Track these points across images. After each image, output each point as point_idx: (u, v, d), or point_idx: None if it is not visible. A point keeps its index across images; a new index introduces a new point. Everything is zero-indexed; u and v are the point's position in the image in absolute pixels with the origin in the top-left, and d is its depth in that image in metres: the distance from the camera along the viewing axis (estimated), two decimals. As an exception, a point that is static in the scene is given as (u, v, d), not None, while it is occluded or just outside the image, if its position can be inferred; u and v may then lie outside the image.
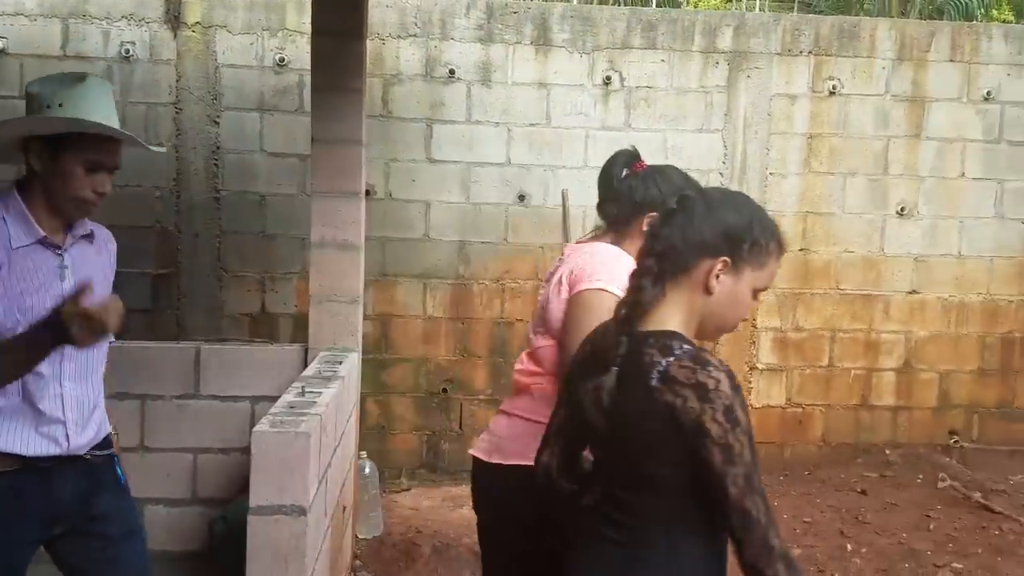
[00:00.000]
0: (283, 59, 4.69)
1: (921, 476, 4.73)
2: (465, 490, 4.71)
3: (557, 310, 2.01)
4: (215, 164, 4.74)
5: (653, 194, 2.09)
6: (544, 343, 2.06)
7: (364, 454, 4.04)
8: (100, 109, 1.87)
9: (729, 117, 4.87)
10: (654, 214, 1.94)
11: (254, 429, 2.15)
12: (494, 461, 2.04)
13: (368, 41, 4.63)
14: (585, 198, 4.87)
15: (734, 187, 4.91)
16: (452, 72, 4.75)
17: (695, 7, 8.92)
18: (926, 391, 5.12)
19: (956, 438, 5.11)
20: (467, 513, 4.32)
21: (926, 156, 4.95)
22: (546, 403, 1.90)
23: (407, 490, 4.72)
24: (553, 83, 4.80)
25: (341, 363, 3.08)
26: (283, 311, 4.79)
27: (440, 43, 4.75)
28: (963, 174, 4.97)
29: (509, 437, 2.04)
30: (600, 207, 2.21)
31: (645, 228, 1.98)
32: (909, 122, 4.92)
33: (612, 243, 2.11)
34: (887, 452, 5.04)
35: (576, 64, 4.80)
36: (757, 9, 5.51)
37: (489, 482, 2.07)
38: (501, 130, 4.80)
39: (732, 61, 4.84)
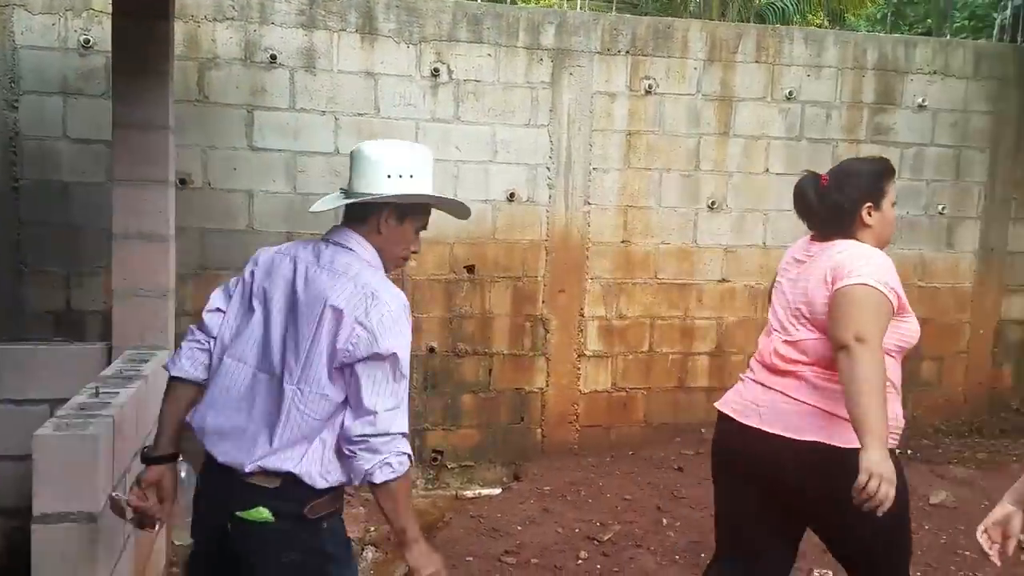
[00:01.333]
0: (88, 40, 4.39)
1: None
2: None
3: (818, 301, 2.33)
4: (12, 151, 4.37)
5: (851, 195, 2.43)
6: (805, 335, 2.38)
7: (180, 457, 3.84)
8: (432, 178, 2.09)
9: (554, 113, 5.00)
10: (869, 204, 2.42)
11: (35, 433, 2.02)
12: (775, 431, 2.32)
13: (181, 23, 4.43)
14: (416, 189, 4.90)
15: (560, 182, 5.06)
16: (274, 58, 4.60)
17: (520, 3, 9.05)
18: (735, 372, 5.41)
19: (760, 414, 5.49)
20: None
21: (734, 153, 5.27)
22: (807, 389, 2.32)
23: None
24: (381, 73, 4.76)
25: (147, 361, 2.93)
26: (91, 308, 4.50)
27: (260, 27, 4.59)
28: (767, 170, 5.33)
29: (784, 412, 2.34)
30: (813, 228, 2.52)
31: (868, 220, 2.42)
32: (718, 120, 5.22)
33: (844, 239, 2.41)
34: (703, 431, 5.32)
35: (404, 55, 4.78)
36: (579, 8, 5.66)
37: (769, 451, 2.34)
38: (328, 119, 4.71)
39: (556, 58, 4.97)
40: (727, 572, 2.59)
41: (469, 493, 4.83)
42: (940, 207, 5.53)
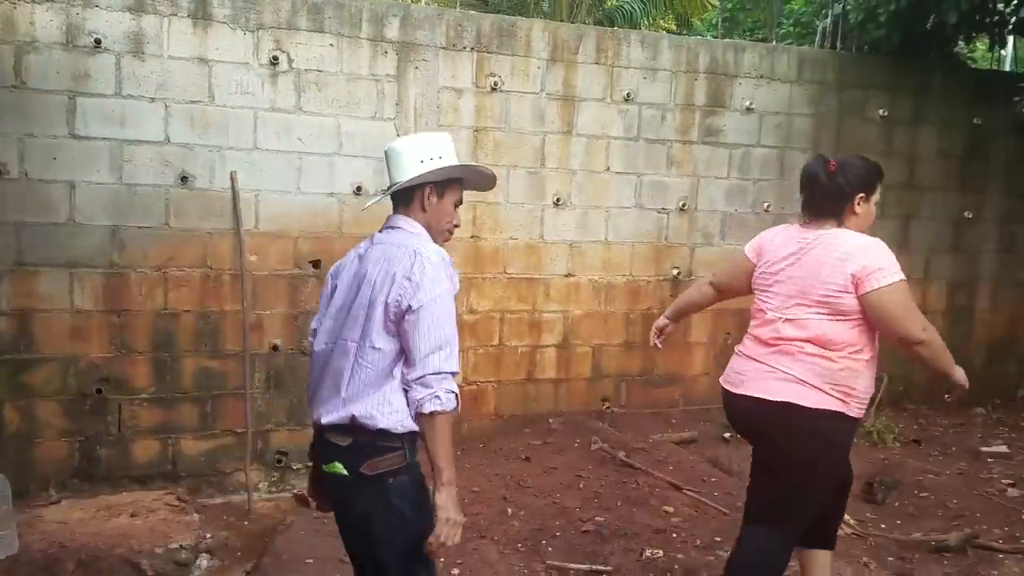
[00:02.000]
0: None
1: (578, 440, 5.16)
2: (126, 498, 4.37)
3: (830, 288, 2.71)
4: None
5: (852, 181, 2.83)
6: (808, 315, 2.76)
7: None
8: (457, 158, 2.45)
9: (401, 107, 4.97)
10: (862, 194, 2.84)
11: None
12: (754, 395, 2.80)
13: (-8, 3, 4.10)
14: (257, 181, 4.74)
15: (406, 174, 5.03)
16: (98, 42, 4.33)
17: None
18: (582, 363, 5.64)
19: (608, 404, 5.68)
20: (124, 522, 4.02)
21: (577, 151, 5.41)
22: (787, 360, 2.76)
23: (56, 503, 4.27)
24: (216, 60, 4.57)
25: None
26: None
27: (83, 10, 4.31)
28: (608, 168, 5.51)
29: (763, 379, 2.79)
30: (813, 205, 2.87)
31: (857, 208, 2.84)
32: (562, 119, 5.34)
33: (836, 227, 2.82)
34: (550, 421, 5.47)
35: (240, 41, 4.60)
36: (423, 2, 5.64)
37: (748, 410, 2.84)
38: (158, 106, 4.48)
39: (400, 52, 4.94)
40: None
41: (315, 494, 4.73)
42: (766, 204, 5.88)
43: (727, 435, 5.49)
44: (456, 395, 2.21)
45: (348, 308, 2.33)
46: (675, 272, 5.73)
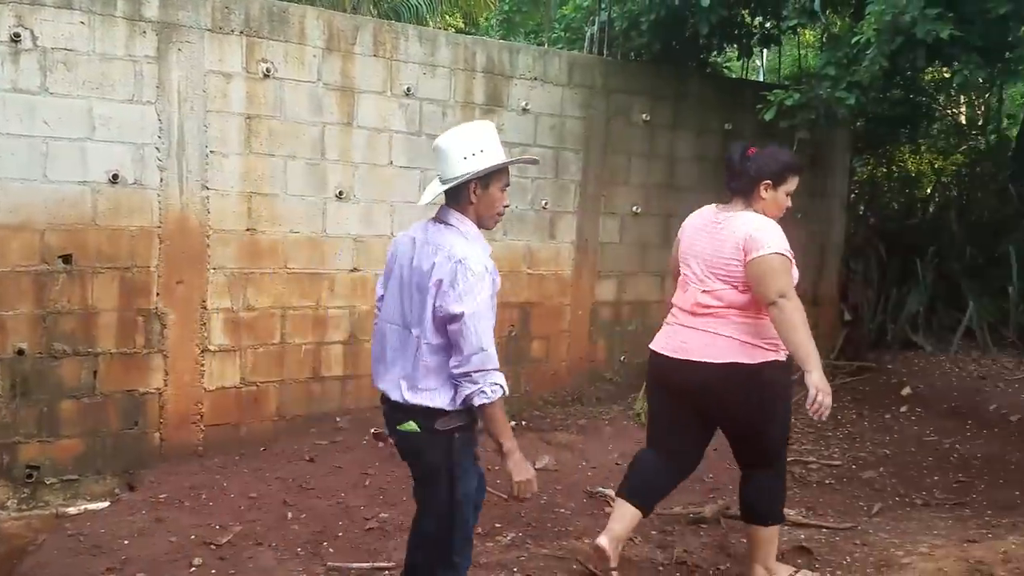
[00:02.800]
0: None
1: (366, 438, 5.11)
2: None
3: (731, 263, 3.14)
4: None
5: (759, 168, 3.22)
6: (720, 286, 3.18)
7: None
8: (498, 145, 2.67)
9: (162, 90, 4.65)
10: (768, 182, 3.23)
11: None
12: (702, 359, 3.16)
13: None
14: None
15: (172, 164, 4.73)
16: None
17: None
18: (369, 360, 5.54)
19: (397, 399, 5.65)
20: None
21: (359, 144, 5.33)
22: (723, 324, 3.16)
23: None
24: (-59, 32, 4.05)
25: None
26: None
27: None
28: (391, 162, 5.47)
29: (707, 344, 3.16)
30: (727, 185, 3.31)
31: (763, 194, 3.24)
32: (341, 111, 5.24)
33: (744, 209, 3.24)
34: (337, 419, 5.35)
35: (-29, 13, 4.12)
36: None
37: (698, 375, 3.17)
38: None
39: (161, 32, 4.62)
40: (649, 459, 3.47)
41: (72, 510, 4.33)
42: (543, 202, 6.11)
43: (512, 423, 5.61)
44: (501, 385, 2.57)
45: (410, 299, 2.65)
46: (460, 266, 5.80)
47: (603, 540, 3.33)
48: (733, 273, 3.17)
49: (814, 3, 5.34)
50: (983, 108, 10.28)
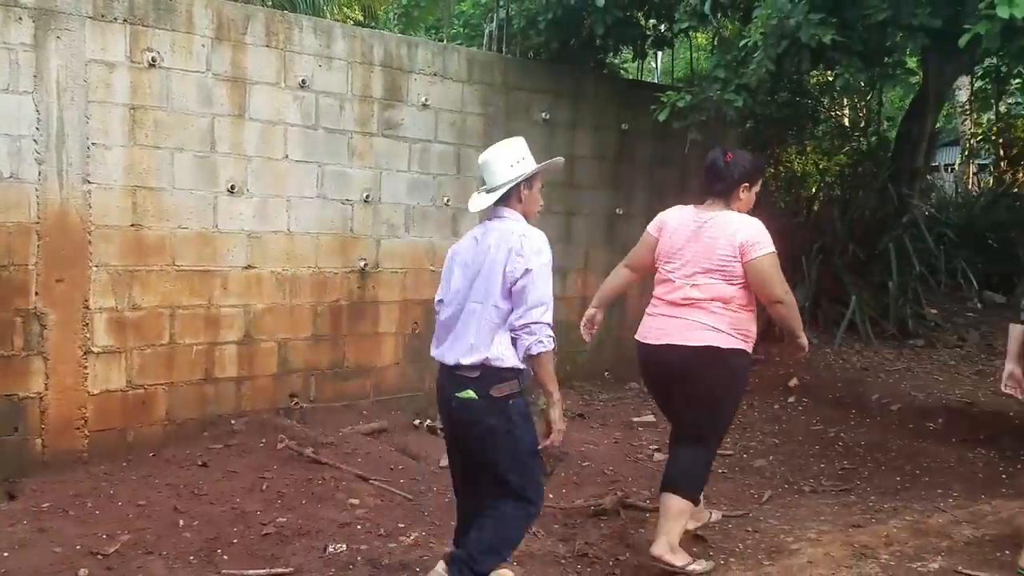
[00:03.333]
0: None
1: (264, 440, 4.95)
2: None
3: (728, 260, 3.48)
4: None
5: (739, 171, 3.58)
6: (710, 281, 3.50)
7: None
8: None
9: (40, 80, 4.39)
10: (746, 184, 3.61)
11: None
12: (681, 343, 3.51)
13: None
14: None
15: (51, 157, 4.47)
16: None
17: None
18: (267, 360, 5.41)
19: (296, 400, 5.51)
20: None
21: (251, 137, 5.17)
22: (703, 314, 3.49)
23: None
24: None
25: None
26: None
27: None
28: (287, 156, 5.34)
29: (686, 330, 3.50)
30: (708, 188, 3.63)
31: (741, 195, 3.61)
32: (232, 102, 5.07)
33: (725, 208, 3.58)
34: (232, 422, 5.17)
35: None
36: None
37: (677, 356, 3.52)
38: None
39: (39, 19, 4.35)
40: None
41: (-58, 525, 4.03)
42: (445, 199, 6.08)
43: (416, 422, 5.61)
44: (553, 338, 3.01)
45: (473, 278, 3.10)
46: (362, 263, 5.71)
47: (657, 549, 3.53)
48: (727, 269, 3.51)
49: (704, 7, 5.49)
50: (864, 110, 10.83)
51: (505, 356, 3.01)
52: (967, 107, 11.39)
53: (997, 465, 5.00)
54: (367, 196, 5.69)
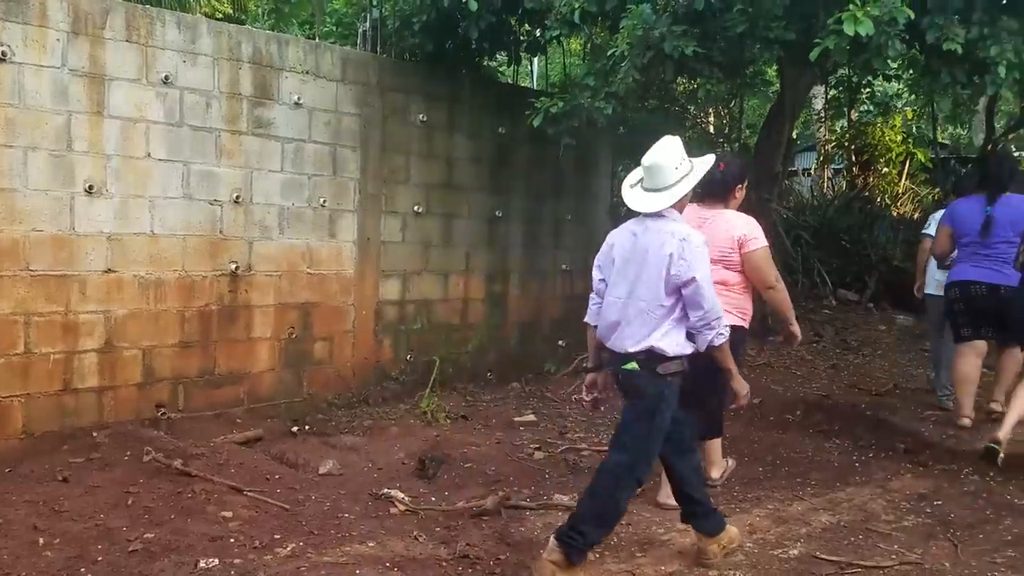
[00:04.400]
0: None
1: (129, 453, 4.74)
2: None
3: (728, 252, 4.17)
4: None
5: (732, 176, 4.26)
6: (715, 268, 3.84)
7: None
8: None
9: None
10: (739, 185, 4.32)
11: None
12: None
13: None
14: None
15: None
16: None
17: None
18: (131, 368, 5.18)
19: (163, 410, 5.29)
20: None
21: (111, 134, 4.95)
22: (722, 299, 3.68)
23: None
24: None
25: None
26: None
27: None
28: (149, 154, 5.12)
29: None
30: (709, 193, 4.23)
31: (736, 195, 4.31)
32: (90, 99, 4.83)
33: (723, 208, 4.26)
34: (95, 434, 4.93)
35: None
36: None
37: None
38: None
39: None
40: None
41: None
42: (322, 200, 5.98)
43: (294, 429, 5.50)
44: (727, 329, 3.46)
45: (637, 275, 3.43)
46: (233, 267, 5.54)
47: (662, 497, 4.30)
48: (729, 258, 4.20)
49: (574, 15, 5.62)
50: (728, 118, 11.36)
51: (672, 347, 3.39)
52: (822, 115, 12.11)
53: (851, 454, 5.34)
54: (237, 197, 5.52)
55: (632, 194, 3.51)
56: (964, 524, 4.16)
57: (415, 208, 6.54)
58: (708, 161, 3.58)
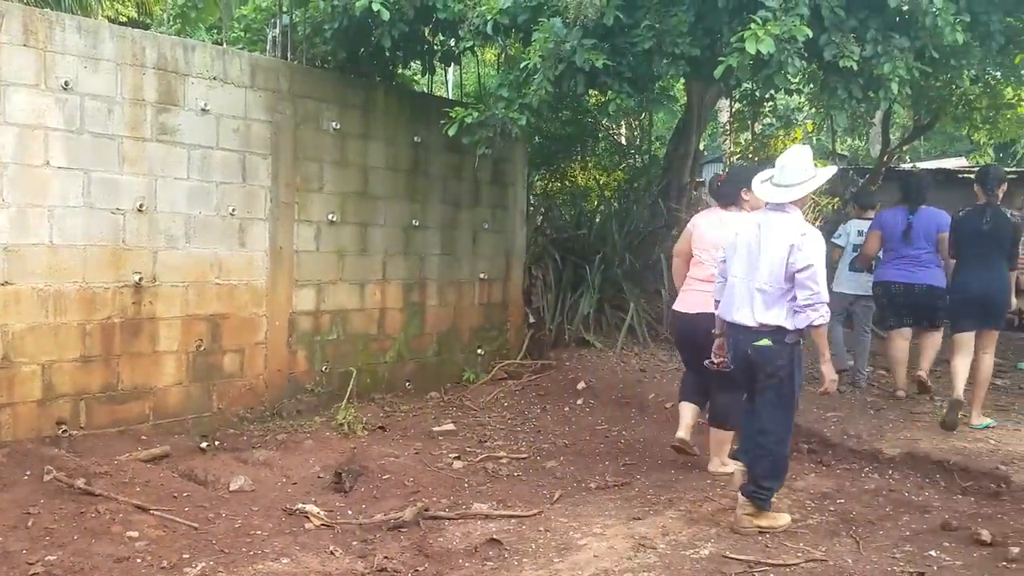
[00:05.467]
0: None
1: (29, 472, 4.56)
2: None
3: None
4: None
5: (736, 184, 5.02)
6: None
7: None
8: None
9: None
10: (745, 188, 4.82)
11: None
12: (702, 311, 4.76)
13: None
14: None
15: None
16: None
17: None
18: (29, 384, 4.96)
19: (64, 427, 5.08)
20: None
21: (7, 142, 4.74)
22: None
23: None
24: None
25: None
26: None
27: None
28: (48, 162, 4.93)
29: (706, 303, 4.69)
30: (721, 198, 5.16)
31: (745, 197, 4.94)
32: (-16, 105, 4.61)
33: (738, 211, 4.97)
34: (-12, 454, 4.69)
35: None
36: None
37: (700, 320, 4.78)
38: None
39: None
40: (690, 376, 5.24)
41: None
42: (231, 208, 5.84)
43: (203, 445, 5.35)
44: (828, 313, 4.05)
45: (757, 260, 4.13)
46: (137, 278, 5.36)
47: (681, 434, 5.10)
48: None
49: (487, 27, 5.66)
50: (639, 130, 11.62)
51: (788, 323, 4.06)
52: (727, 127, 12.51)
53: (756, 452, 5.53)
54: (141, 205, 5.35)
55: (763, 188, 4.22)
56: (865, 521, 4.35)
57: (329, 217, 6.45)
58: (830, 171, 4.34)
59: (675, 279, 5.44)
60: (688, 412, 5.14)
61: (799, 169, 4.11)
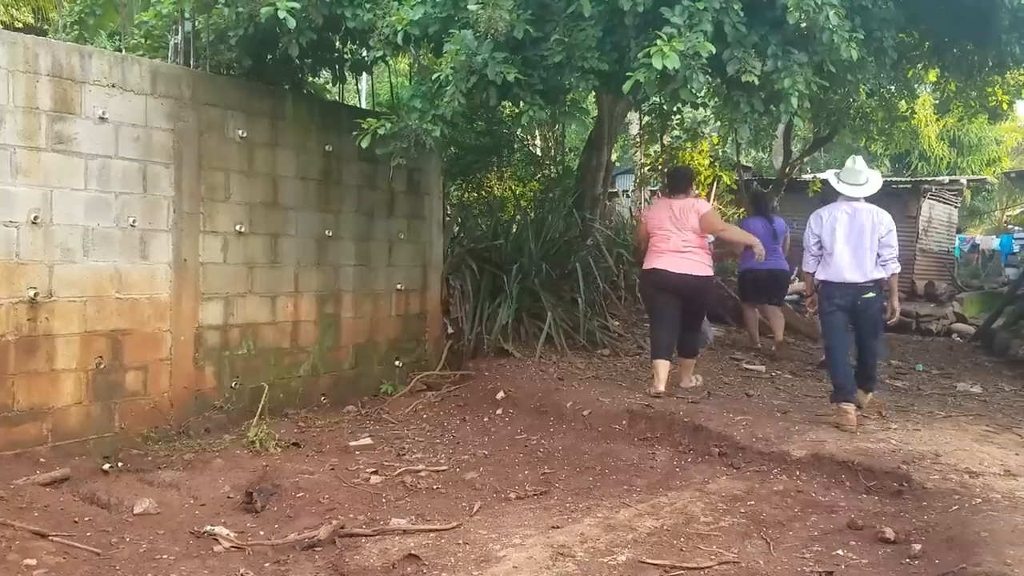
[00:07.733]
0: None
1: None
2: None
3: (695, 223, 6.62)
4: None
5: (690, 178, 7.37)
6: (691, 236, 6.61)
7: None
8: None
9: None
10: (693, 181, 8.05)
11: None
12: (697, 273, 6.65)
13: None
14: None
15: None
16: None
17: None
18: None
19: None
20: None
21: None
22: (699, 254, 6.68)
23: None
24: None
25: None
26: None
27: None
28: (-68, 173, 4.64)
29: (693, 265, 6.63)
30: (680, 188, 6.90)
31: (694, 187, 7.78)
32: None
33: (687, 198, 6.84)
34: None
35: None
36: None
37: (688, 280, 6.63)
38: None
39: None
40: (662, 332, 6.76)
41: None
42: (131, 220, 5.61)
43: (106, 467, 5.12)
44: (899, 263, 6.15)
45: (859, 237, 5.96)
46: (32, 293, 5.10)
47: (660, 388, 6.59)
48: (695, 228, 6.58)
49: (397, 37, 5.62)
50: (553, 141, 11.77)
51: (879, 274, 6.01)
52: (638, 139, 12.80)
53: (672, 460, 5.62)
54: (35, 217, 5.09)
55: (843, 186, 6.07)
56: (775, 522, 4.46)
57: (237, 227, 6.27)
58: (878, 175, 6.26)
59: (640, 254, 7.21)
60: (663, 368, 6.65)
61: (865, 171, 6.11)
